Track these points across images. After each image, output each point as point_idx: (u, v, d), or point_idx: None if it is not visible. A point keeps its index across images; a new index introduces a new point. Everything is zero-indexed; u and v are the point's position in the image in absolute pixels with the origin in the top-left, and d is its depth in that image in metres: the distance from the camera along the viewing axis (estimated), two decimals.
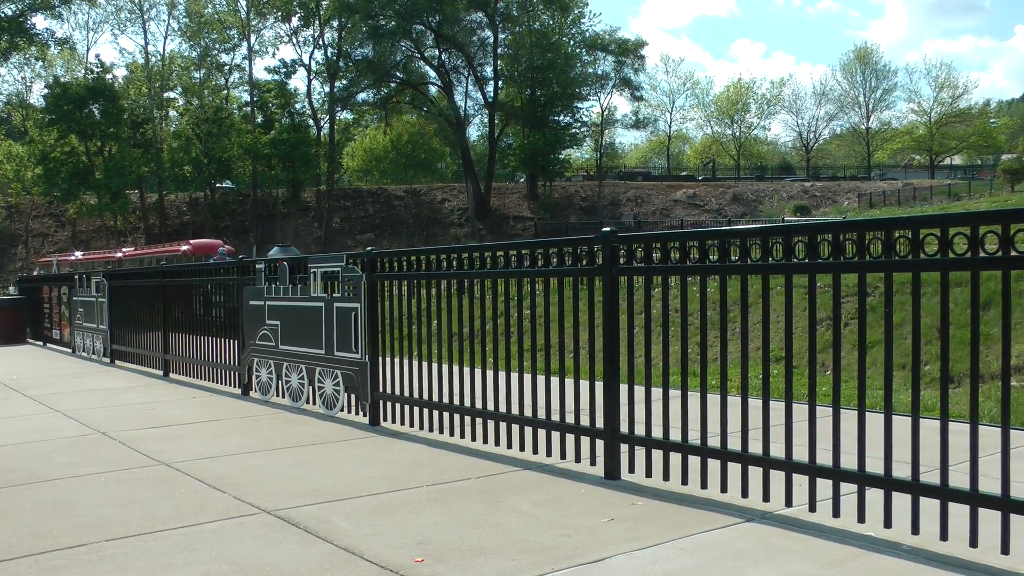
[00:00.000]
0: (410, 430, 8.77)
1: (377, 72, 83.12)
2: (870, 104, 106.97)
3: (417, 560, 4.91)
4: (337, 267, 9.65)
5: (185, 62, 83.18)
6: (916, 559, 4.77)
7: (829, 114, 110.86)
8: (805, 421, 5.45)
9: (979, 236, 4.73)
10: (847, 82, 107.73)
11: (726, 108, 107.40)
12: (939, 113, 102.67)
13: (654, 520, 5.58)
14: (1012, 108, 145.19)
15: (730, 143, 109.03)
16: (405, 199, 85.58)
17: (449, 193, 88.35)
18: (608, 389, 6.68)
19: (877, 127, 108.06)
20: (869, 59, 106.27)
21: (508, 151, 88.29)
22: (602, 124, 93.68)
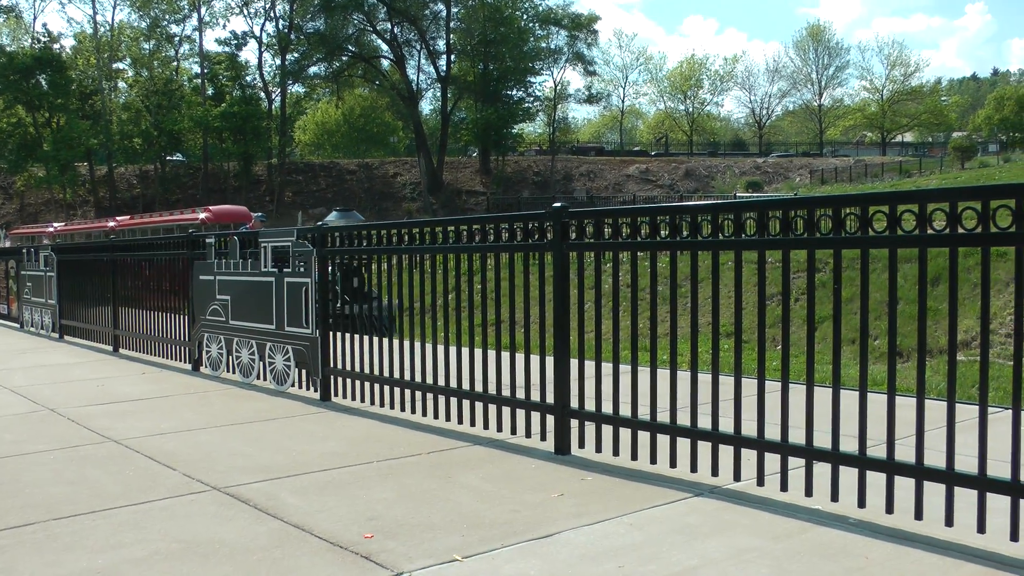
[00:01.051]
0: (361, 406, 8.75)
1: (329, 45, 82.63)
2: (822, 81, 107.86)
3: (367, 536, 4.91)
4: (288, 242, 9.59)
5: (134, 32, 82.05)
6: (862, 532, 4.84)
7: (782, 91, 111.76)
8: (754, 396, 5.51)
9: (927, 213, 4.78)
10: (800, 59, 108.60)
11: (679, 84, 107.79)
12: (891, 91, 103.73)
13: (604, 495, 5.61)
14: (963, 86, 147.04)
15: (683, 119, 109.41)
16: (357, 173, 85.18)
17: (402, 167, 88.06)
18: (559, 364, 6.70)
19: (829, 104, 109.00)
20: (822, 37, 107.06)
21: (461, 125, 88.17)
22: (555, 99, 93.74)
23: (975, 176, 59.32)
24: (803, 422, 5.29)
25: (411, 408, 8.13)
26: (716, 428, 5.74)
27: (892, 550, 4.57)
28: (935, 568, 4.35)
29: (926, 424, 4.87)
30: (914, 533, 4.78)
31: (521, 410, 7.10)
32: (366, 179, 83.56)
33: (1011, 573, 4.26)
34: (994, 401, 7.73)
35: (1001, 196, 4.58)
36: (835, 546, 4.65)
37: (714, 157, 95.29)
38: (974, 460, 4.63)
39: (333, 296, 9.32)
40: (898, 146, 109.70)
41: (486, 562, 4.53)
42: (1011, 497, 4.50)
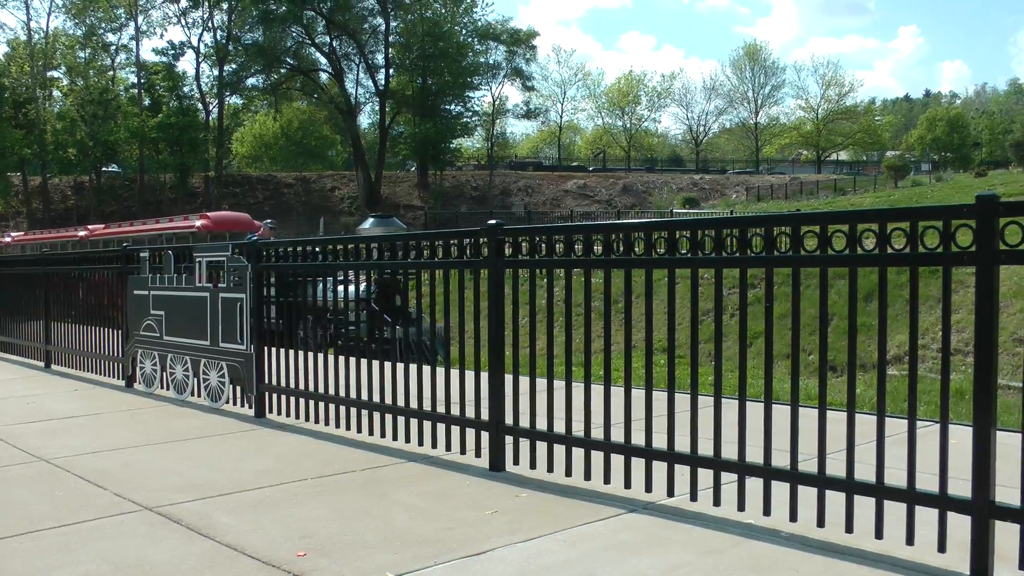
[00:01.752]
0: (296, 422, 8.69)
1: (267, 57, 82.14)
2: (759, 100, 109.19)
3: (300, 554, 4.88)
4: (222, 256, 9.51)
5: (70, 40, 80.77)
6: (794, 545, 4.90)
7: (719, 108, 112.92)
8: (688, 412, 5.54)
9: (858, 234, 4.87)
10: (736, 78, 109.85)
11: (617, 100, 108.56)
12: (826, 110, 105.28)
13: (537, 512, 5.62)
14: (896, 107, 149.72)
15: (621, 135, 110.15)
16: (295, 186, 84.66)
17: (339, 181, 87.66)
18: (493, 381, 6.70)
19: (766, 122, 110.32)
20: (758, 56, 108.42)
21: (399, 139, 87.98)
22: (493, 114, 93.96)
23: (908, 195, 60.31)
24: (736, 437, 5.33)
25: (346, 425, 8.08)
26: (649, 444, 5.77)
27: (823, 563, 4.63)
28: None
29: (857, 438, 4.95)
30: (845, 546, 4.85)
31: (456, 426, 7.08)
32: (304, 192, 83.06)
33: None
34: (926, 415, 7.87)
35: (929, 217, 4.68)
36: (766, 560, 4.70)
37: (652, 173, 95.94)
38: (904, 473, 4.71)
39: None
40: (833, 164, 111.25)
41: None
42: (939, 510, 4.58)
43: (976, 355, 4.52)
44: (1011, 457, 4.43)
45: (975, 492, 4.45)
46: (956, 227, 4.56)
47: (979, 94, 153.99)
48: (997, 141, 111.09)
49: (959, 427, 5.52)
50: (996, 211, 4.40)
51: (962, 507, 4.50)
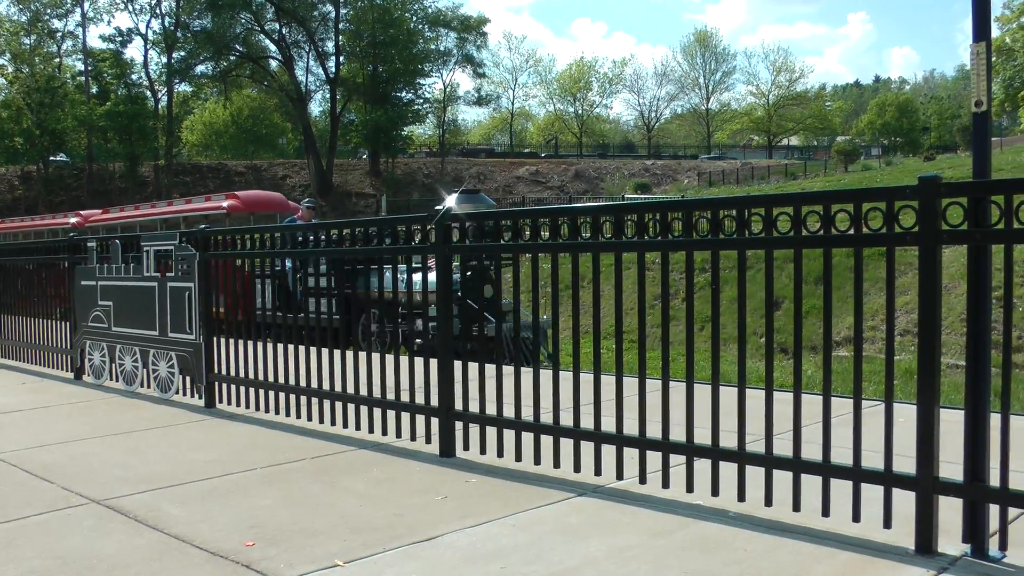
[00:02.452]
0: (247, 412, 8.63)
1: (216, 44, 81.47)
2: (710, 86, 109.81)
3: (248, 544, 4.85)
4: (170, 245, 9.42)
5: (14, 26, 79.47)
6: (742, 525, 4.94)
7: (670, 94, 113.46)
8: (636, 395, 5.58)
9: (802, 216, 4.90)
10: (687, 64, 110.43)
11: (568, 86, 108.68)
12: (777, 96, 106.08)
13: (487, 497, 5.63)
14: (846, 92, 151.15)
15: (572, 121, 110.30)
16: (246, 175, 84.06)
17: (291, 169, 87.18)
18: (443, 367, 6.69)
19: (717, 108, 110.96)
20: (709, 42, 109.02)
21: (350, 127, 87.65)
22: (445, 101, 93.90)
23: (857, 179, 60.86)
24: (684, 420, 5.36)
25: (296, 413, 8.04)
26: (598, 428, 5.79)
27: (771, 541, 4.68)
28: (811, 557, 4.46)
29: (805, 418, 4.99)
30: (793, 524, 4.90)
31: (406, 413, 7.07)
32: (255, 181, 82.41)
33: (884, 558, 4.41)
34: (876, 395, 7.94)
35: (873, 199, 4.73)
36: (715, 540, 4.74)
37: (604, 159, 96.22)
38: (850, 452, 4.76)
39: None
40: (784, 149, 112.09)
41: (368, 567, 4.51)
42: (884, 487, 4.64)
43: (920, 335, 4.57)
44: (956, 434, 4.48)
45: (919, 469, 4.51)
46: (899, 208, 4.60)
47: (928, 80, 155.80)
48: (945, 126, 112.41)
49: (906, 406, 5.57)
50: (938, 192, 4.45)
51: (907, 483, 4.56)
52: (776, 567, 4.35)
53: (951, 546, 4.48)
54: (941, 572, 4.25)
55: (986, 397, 4.45)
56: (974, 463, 4.42)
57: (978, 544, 4.42)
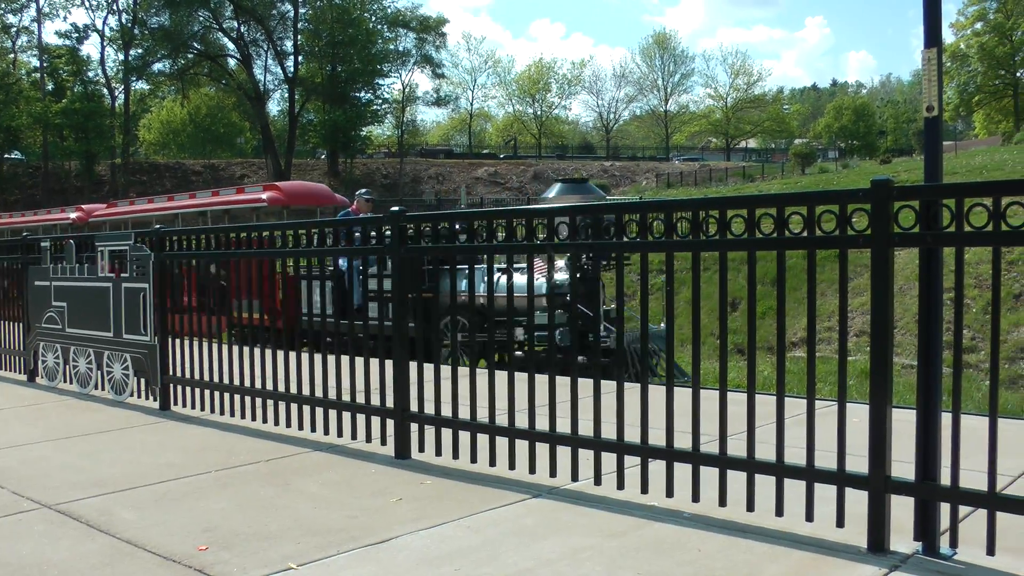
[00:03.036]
0: (201, 414, 8.56)
1: (174, 41, 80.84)
2: (668, 88, 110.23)
3: (201, 548, 4.81)
4: (125, 246, 9.33)
5: None
6: (696, 525, 4.96)
7: (629, 96, 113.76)
8: (591, 397, 5.57)
9: (756, 218, 4.93)
10: (646, 66, 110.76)
11: (527, 87, 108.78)
12: (735, 98, 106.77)
13: (442, 499, 5.62)
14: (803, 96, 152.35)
15: (531, 122, 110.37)
16: (203, 174, 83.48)
17: (249, 169, 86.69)
18: (398, 368, 6.68)
19: (675, 110, 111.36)
20: (667, 44, 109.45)
21: (309, 127, 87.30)
22: (404, 101, 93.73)
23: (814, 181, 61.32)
24: (639, 421, 5.38)
25: (251, 415, 7.98)
26: (553, 429, 5.80)
27: (725, 541, 4.70)
28: (765, 556, 4.49)
29: (759, 419, 5.02)
30: (746, 524, 4.93)
31: (361, 415, 7.05)
32: (212, 180, 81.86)
33: (837, 557, 4.45)
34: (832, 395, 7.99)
35: (826, 202, 4.77)
36: (669, 541, 4.75)
37: (562, 160, 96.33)
38: (804, 452, 4.79)
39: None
40: (742, 152, 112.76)
41: (322, 569, 4.49)
42: (837, 486, 4.68)
43: (872, 335, 4.61)
44: (909, 434, 4.52)
45: (871, 468, 4.55)
46: (852, 211, 4.63)
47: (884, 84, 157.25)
48: (902, 129, 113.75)
49: (861, 406, 5.62)
50: (890, 195, 4.49)
51: (859, 483, 4.60)
52: (730, 567, 4.37)
53: (903, 544, 4.52)
54: (893, 570, 4.29)
55: (937, 397, 4.49)
56: (925, 462, 4.47)
57: (930, 542, 4.47)
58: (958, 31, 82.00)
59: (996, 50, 78.62)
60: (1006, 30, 78.14)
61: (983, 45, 78.76)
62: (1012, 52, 79.40)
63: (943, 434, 4.45)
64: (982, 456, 4.32)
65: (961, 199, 4.35)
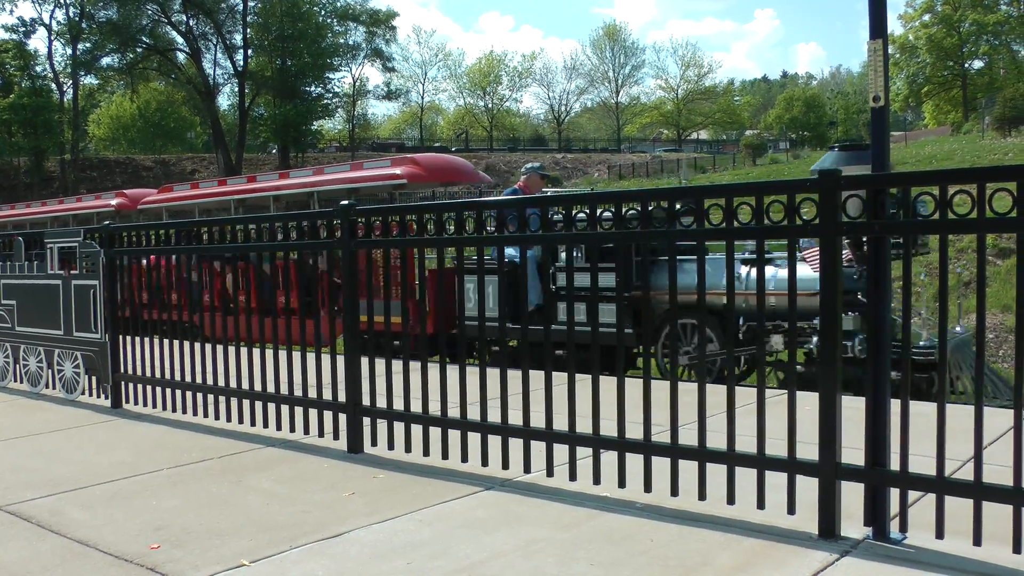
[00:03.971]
0: (154, 412, 8.49)
1: (122, 35, 79.90)
2: (619, 80, 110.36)
3: (153, 547, 4.77)
4: (74, 242, 9.22)
5: None
6: (649, 515, 4.99)
7: (580, 88, 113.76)
8: (542, 390, 5.60)
9: (704, 208, 4.97)
10: (597, 58, 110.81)
11: (478, 80, 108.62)
12: (685, 90, 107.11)
13: (395, 492, 5.62)
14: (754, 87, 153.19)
15: (483, 115, 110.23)
16: (154, 169, 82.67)
17: (200, 164, 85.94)
18: (350, 362, 6.66)
19: (627, 102, 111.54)
20: (618, 36, 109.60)
21: (259, 121, 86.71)
22: (354, 95, 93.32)
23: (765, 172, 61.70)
24: (590, 412, 5.40)
25: (204, 412, 7.93)
26: (505, 421, 5.81)
27: (677, 531, 4.74)
28: (717, 544, 4.53)
29: (710, 409, 5.06)
30: (698, 513, 4.97)
31: (314, 410, 7.02)
32: (163, 175, 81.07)
33: (788, 544, 4.50)
34: None
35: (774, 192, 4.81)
36: (621, 531, 4.77)
37: (514, 153, 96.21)
38: (755, 441, 4.83)
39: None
40: (693, 143, 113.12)
41: (274, 565, 4.47)
42: (787, 473, 4.73)
43: (821, 324, 4.65)
44: (859, 420, 4.57)
45: (822, 455, 4.60)
46: (800, 201, 4.67)
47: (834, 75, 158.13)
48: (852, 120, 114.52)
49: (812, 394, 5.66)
50: (837, 185, 4.53)
51: (810, 470, 4.64)
52: (682, 556, 4.40)
53: (854, 530, 4.58)
54: (843, 555, 4.34)
55: (886, 384, 4.54)
56: (875, 449, 4.52)
57: (879, 527, 4.53)
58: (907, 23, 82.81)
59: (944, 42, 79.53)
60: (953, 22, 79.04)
61: (931, 37, 79.64)
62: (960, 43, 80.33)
63: (893, 420, 4.50)
64: (932, 442, 4.37)
65: (908, 188, 4.41)
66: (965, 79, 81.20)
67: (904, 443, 4.39)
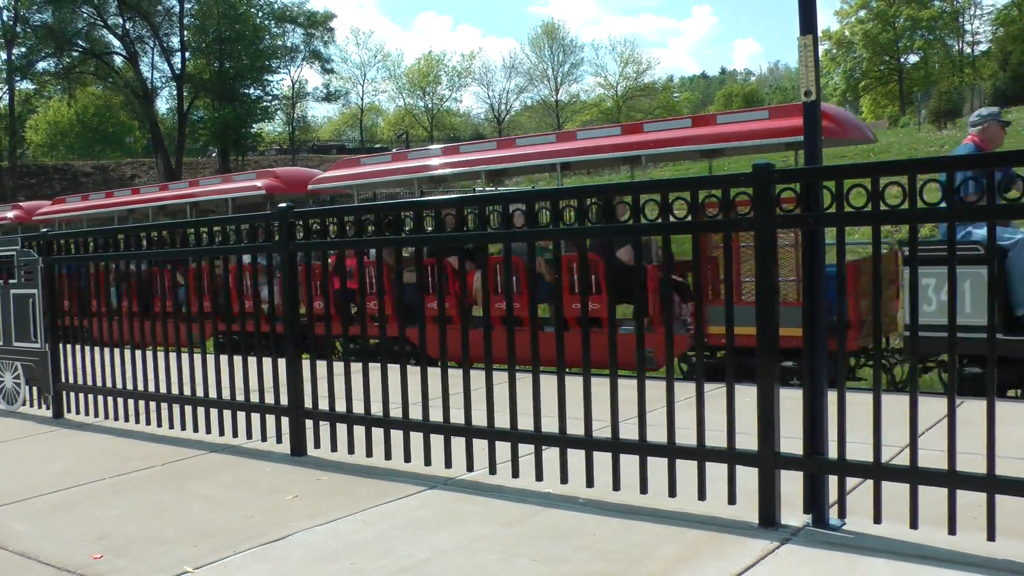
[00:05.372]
0: (96, 421, 8.40)
1: (58, 39, 78.65)
2: (559, 78, 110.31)
3: (95, 557, 4.73)
4: (11, 251, 9.09)
5: None
6: (591, 510, 5.03)
7: (519, 87, 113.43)
8: (484, 388, 5.63)
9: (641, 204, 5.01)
10: (536, 56, 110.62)
11: (417, 80, 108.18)
12: (625, 87, 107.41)
13: (338, 494, 5.62)
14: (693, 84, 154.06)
15: (423, 115, 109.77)
16: (94, 175, 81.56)
17: (139, 169, 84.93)
18: (291, 365, 6.65)
19: (567, 100, 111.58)
20: (556, 34, 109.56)
21: (199, 125, 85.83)
22: (293, 97, 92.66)
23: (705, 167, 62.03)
24: (532, 410, 5.43)
25: (147, 420, 7.87)
26: (447, 420, 5.82)
27: (619, 525, 4.78)
28: (659, 537, 4.57)
29: (650, 403, 5.11)
30: (641, 507, 5.01)
31: (257, 414, 6.99)
32: (103, 181, 80.00)
33: (730, 534, 4.56)
34: None
35: (709, 186, 4.87)
36: (564, 527, 4.81)
37: None
38: (695, 433, 4.89)
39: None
40: None
41: (218, 571, 4.46)
42: (728, 464, 4.80)
43: (758, 316, 4.70)
44: (798, 410, 4.64)
45: (761, 445, 4.66)
46: (736, 195, 4.73)
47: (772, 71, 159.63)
48: None
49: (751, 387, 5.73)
50: (772, 179, 4.60)
51: (749, 460, 4.71)
52: (625, 549, 4.44)
53: (794, 517, 4.66)
54: (783, 543, 4.41)
55: (823, 374, 4.61)
56: (813, 437, 4.60)
57: (819, 514, 4.60)
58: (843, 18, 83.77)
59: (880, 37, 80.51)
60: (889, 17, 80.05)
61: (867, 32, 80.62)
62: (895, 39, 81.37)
63: (830, 409, 4.57)
64: (870, 429, 4.45)
65: (841, 181, 4.48)
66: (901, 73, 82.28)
67: (841, 431, 4.47)
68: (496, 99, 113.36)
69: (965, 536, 4.22)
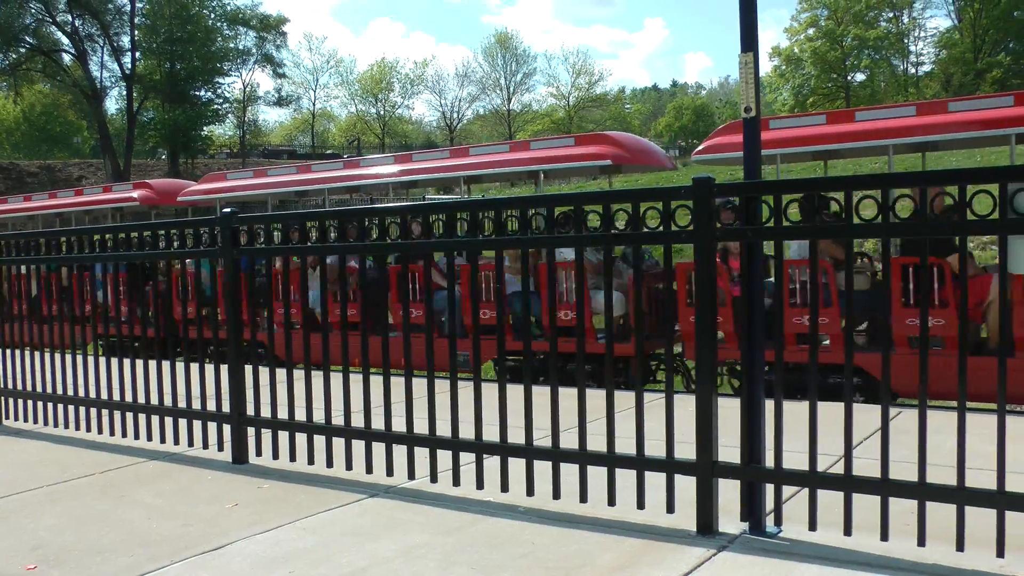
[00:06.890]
0: (35, 427, 8.28)
1: (5, 35, 77.52)
2: (511, 87, 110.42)
3: (30, 568, 4.67)
4: None
5: None
6: (531, 519, 5.07)
7: (472, 95, 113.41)
8: (425, 397, 5.63)
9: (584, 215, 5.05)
10: (488, 65, 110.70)
11: (370, 87, 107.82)
12: (577, 98, 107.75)
13: (279, 502, 5.61)
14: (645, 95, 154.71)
15: (375, 122, 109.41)
16: (39, 175, 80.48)
17: (87, 170, 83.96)
18: (233, 372, 6.61)
19: (519, 109, 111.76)
20: (509, 44, 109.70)
21: (148, 126, 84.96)
22: (245, 101, 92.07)
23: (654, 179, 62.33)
24: (473, 418, 5.46)
25: (87, 426, 7.78)
26: (389, 428, 5.83)
27: (559, 533, 4.82)
28: (598, 545, 4.62)
29: (591, 413, 5.17)
30: (580, 515, 5.06)
31: (198, 421, 6.94)
32: (49, 182, 78.99)
33: (668, 542, 4.62)
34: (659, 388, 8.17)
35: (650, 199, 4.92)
36: (504, 535, 4.84)
37: None
38: (634, 442, 4.94)
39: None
40: None
41: None
42: (666, 473, 4.85)
43: (697, 328, 4.75)
44: (736, 420, 4.69)
45: (699, 454, 4.73)
46: (676, 207, 4.78)
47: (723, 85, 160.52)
48: None
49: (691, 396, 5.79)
50: (712, 192, 4.66)
51: (688, 468, 4.78)
52: (563, 557, 4.47)
53: (731, 525, 4.73)
54: (720, 550, 4.48)
55: (760, 384, 4.67)
56: (751, 446, 4.66)
57: (756, 521, 4.68)
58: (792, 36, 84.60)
59: (828, 55, 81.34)
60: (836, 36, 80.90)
61: (816, 50, 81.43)
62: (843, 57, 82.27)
63: (768, 419, 4.63)
64: (806, 439, 4.52)
65: (779, 195, 4.54)
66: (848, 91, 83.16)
67: (778, 440, 4.54)
68: (448, 107, 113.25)
69: (897, 542, 4.30)
